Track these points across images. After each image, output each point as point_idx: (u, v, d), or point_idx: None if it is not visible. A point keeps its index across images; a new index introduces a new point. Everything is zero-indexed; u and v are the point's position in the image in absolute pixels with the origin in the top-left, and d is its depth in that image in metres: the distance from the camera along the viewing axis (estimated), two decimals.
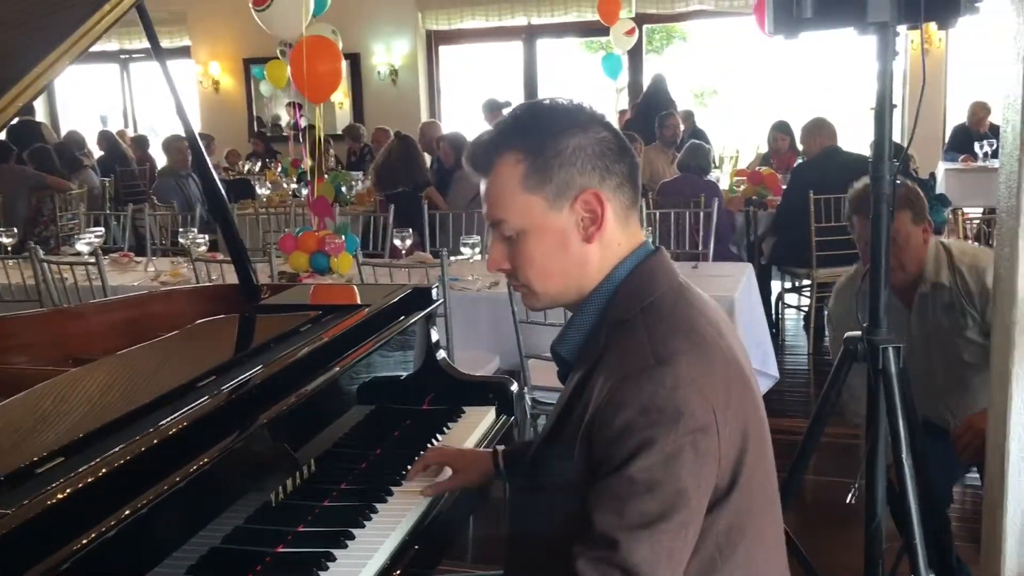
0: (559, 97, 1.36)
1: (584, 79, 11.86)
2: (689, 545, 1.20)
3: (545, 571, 1.30)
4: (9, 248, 5.00)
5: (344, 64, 5.53)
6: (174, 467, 1.34)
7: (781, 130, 7.19)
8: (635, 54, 10.04)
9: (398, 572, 1.54)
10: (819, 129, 5.67)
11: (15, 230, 5.24)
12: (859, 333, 1.97)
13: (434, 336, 2.31)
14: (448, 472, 1.76)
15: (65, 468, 1.24)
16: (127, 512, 1.23)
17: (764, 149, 7.92)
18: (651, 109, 8.11)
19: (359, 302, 2.21)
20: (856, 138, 6.57)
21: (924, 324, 2.55)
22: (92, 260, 4.20)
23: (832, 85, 12.61)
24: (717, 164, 7.44)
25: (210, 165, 2.22)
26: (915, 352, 2.47)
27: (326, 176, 7.23)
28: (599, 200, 1.29)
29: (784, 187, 5.98)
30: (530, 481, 1.40)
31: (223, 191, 2.25)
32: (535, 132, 1.30)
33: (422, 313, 2.20)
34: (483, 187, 1.34)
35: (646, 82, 10.62)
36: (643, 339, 1.23)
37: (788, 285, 6.30)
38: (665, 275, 1.33)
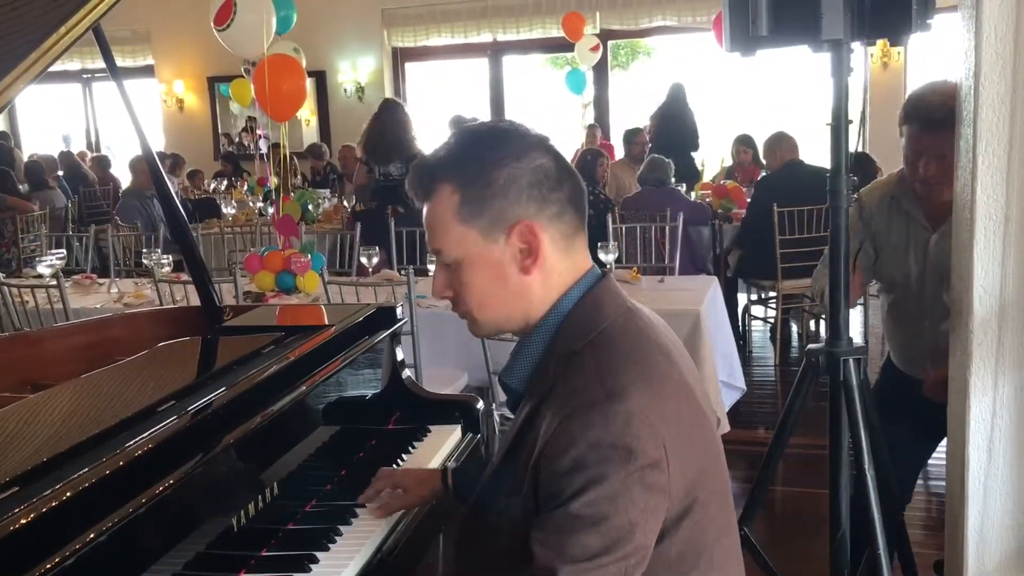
0: (499, 122, 1.36)
1: (550, 95, 11.92)
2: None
3: None
4: None
5: (309, 82, 5.52)
6: (136, 492, 1.32)
7: (744, 143, 7.28)
8: (600, 69, 10.12)
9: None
10: (780, 143, 5.75)
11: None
12: (821, 345, 1.99)
13: (399, 355, 2.30)
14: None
15: (22, 497, 1.22)
16: (88, 537, 1.21)
17: (728, 162, 8.01)
18: (671, 121, 8.17)
19: (324, 322, 2.20)
20: (818, 152, 6.65)
21: (941, 252, 2.45)
22: (53, 283, 4.14)
23: (793, 99, 12.76)
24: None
25: (170, 186, 2.20)
26: (924, 280, 2.48)
27: (292, 194, 7.20)
28: (533, 232, 1.27)
29: (748, 200, 6.05)
30: (478, 508, 1.38)
31: (183, 212, 2.23)
32: (469, 163, 1.29)
33: (387, 332, 2.20)
34: (424, 214, 1.33)
35: (612, 97, 10.72)
36: (592, 373, 1.22)
37: (754, 297, 6.35)
38: (612, 302, 1.32)
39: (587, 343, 1.26)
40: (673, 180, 6.08)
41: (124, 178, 9.39)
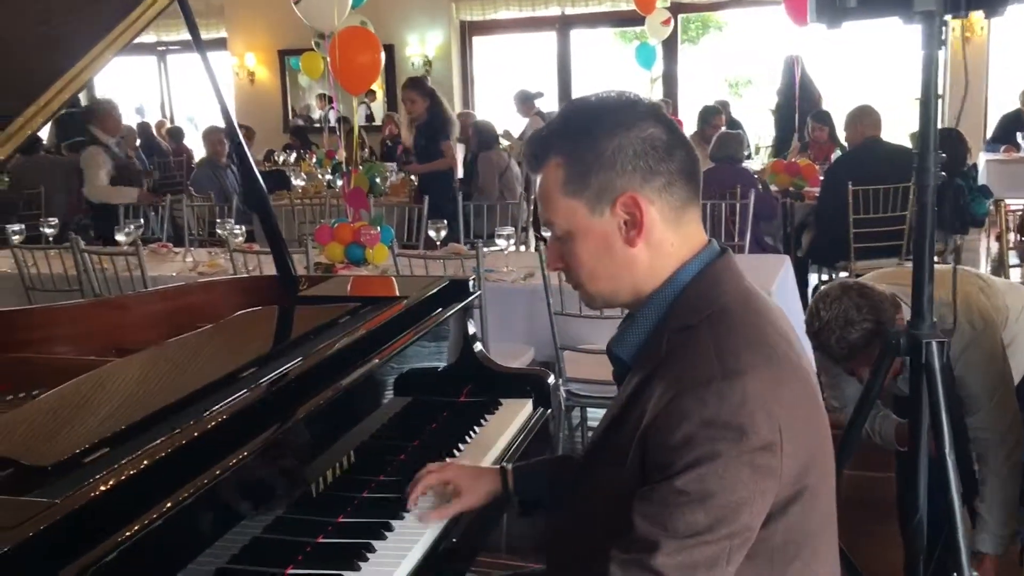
0: (610, 92, 1.33)
1: (617, 69, 11.80)
2: (734, 559, 1.18)
3: (585, 572, 1.29)
4: (50, 238, 5.07)
5: None
6: (217, 458, 1.35)
7: (819, 120, 7.10)
8: (670, 44, 9.96)
9: (437, 563, 1.54)
10: (863, 117, 5.51)
11: (55, 220, 5.31)
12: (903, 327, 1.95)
13: (471, 328, 2.31)
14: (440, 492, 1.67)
15: (110, 459, 1.25)
16: (170, 503, 1.23)
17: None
18: (785, 96, 8.05)
19: (397, 294, 2.22)
20: (893, 131, 6.46)
21: None
22: (132, 251, 4.25)
23: (869, 75, 12.43)
24: (755, 153, 7.36)
25: (250, 157, 2.23)
26: None
27: (360, 167, 7.26)
28: (637, 203, 1.26)
29: (822, 178, 5.91)
30: (579, 476, 1.38)
31: (262, 183, 2.26)
32: (575, 135, 1.29)
33: (459, 305, 2.20)
34: (536, 185, 1.34)
35: (681, 72, 10.56)
36: (708, 349, 1.20)
37: (825, 278, 6.23)
38: (731, 280, 1.30)
39: (703, 318, 1.25)
40: (747, 154, 5.96)
41: (197, 149, 9.59)
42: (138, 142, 9.72)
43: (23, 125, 1.60)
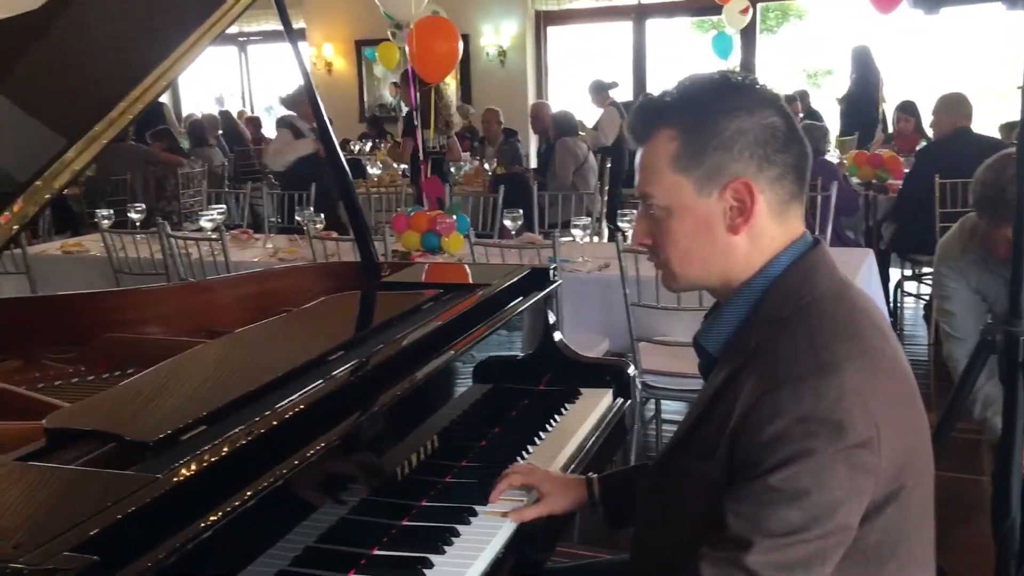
0: (734, 72, 1.31)
1: (693, 60, 11.66)
2: (830, 559, 1.15)
3: (672, 569, 1.28)
4: (137, 223, 5.22)
5: None
6: (310, 439, 1.37)
7: (905, 111, 6.91)
8: (748, 33, 9.80)
9: (518, 552, 1.54)
10: (956, 106, 5.25)
11: (143, 206, 5.46)
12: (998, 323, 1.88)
13: (551, 317, 2.30)
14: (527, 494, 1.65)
15: (208, 436, 1.29)
16: (265, 482, 1.26)
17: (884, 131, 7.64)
18: (864, 86, 7.90)
19: (478, 281, 2.22)
20: (977, 121, 6.23)
21: None
22: (216, 236, 4.35)
23: (956, 65, 12.04)
24: (835, 146, 7.21)
25: (336, 145, 2.26)
26: None
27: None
28: (750, 191, 1.23)
29: (907, 170, 5.75)
30: (664, 472, 1.37)
31: (347, 169, 2.29)
32: (696, 110, 1.25)
33: (541, 293, 2.20)
34: (638, 156, 1.31)
35: (759, 62, 10.37)
36: (803, 342, 1.17)
37: (908, 273, 6.07)
38: (826, 271, 1.27)
39: (796, 310, 1.22)
40: (830, 148, 5.83)
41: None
42: (220, 131, 9.96)
43: (119, 116, 1.63)
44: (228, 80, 13.29)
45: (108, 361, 1.98)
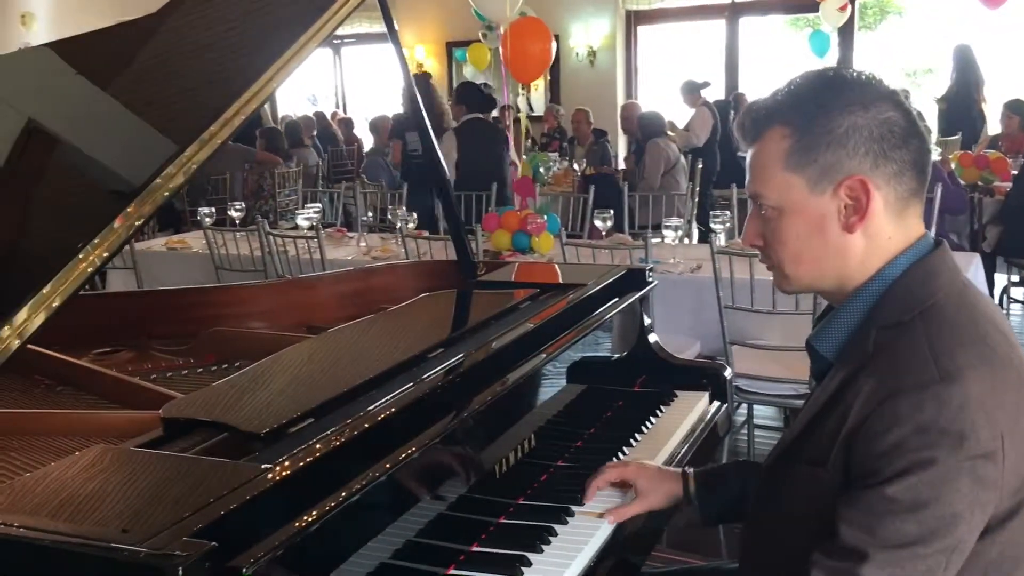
0: (848, 68, 1.28)
1: (788, 58, 11.42)
2: (949, 573, 1.11)
3: (782, 575, 1.25)
4: (237, 221, 5.38)
5: None
6: (411, 435, 1.39)
7: (1013, 110, 6.64)
8: (846, 31, 9.54)
9: (615, 554, 1.54)
10: None
11: (242, 204, 5.62)
12: None
13: (646, 319, 2.29)
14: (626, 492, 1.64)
15: (316, 429, 1.32)
16: (368, 476, 1.28)
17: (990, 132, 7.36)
18: (964, 86, 7.68)
19: (573, 281, 2.22)
20: None
21: None
22: (312, 234, 4.45)
23: None
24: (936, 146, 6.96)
25: (435, 144, 2.29)
26: None
27: (524, 157, 7.34)
28: (866, 188, 1.20)
29: (1015, 172, 5.53)
30: (774, 476, 1.34)
31: (446, 169, 2.32)
32: (808, 107, 1.22)
33: (637, 294, 2.19)
34: (748, 156, 1.29)
35: (856, 61, 10.10)
36: (924, 349, 1.14)
37: (1015, 278, 5.83)
38: (948, 274, 1.23)
39: (917, 315, 1.18)
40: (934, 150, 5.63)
41: (366, 139, 9.94)
42: (314, 131, 10.18)
43: (232, 117, 1.68)
44: (322, 82, 13.57)
45: (216, 354, 2.04)
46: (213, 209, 5.22)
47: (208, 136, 1.67)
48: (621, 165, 8.50)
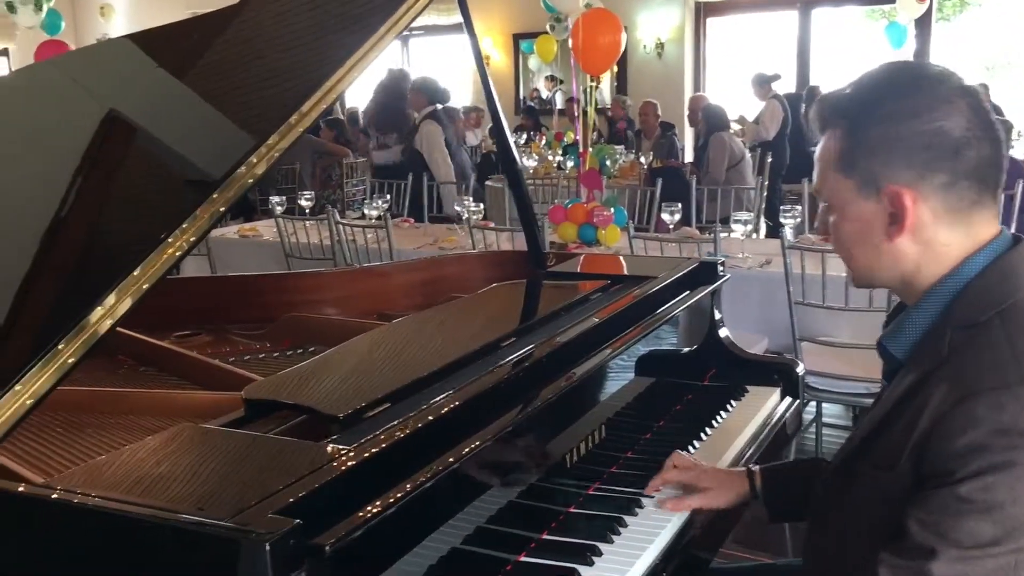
0: (913, 65, 1.26)
1: (862, 50, 11.17)
2: (1019, 572, 1.09)
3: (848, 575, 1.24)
4: (307, 210, 5.47)
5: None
6: (485, 423, 1.41)
7: None
8: (923, 23, 9.30)
9: (683, 549, 1.53)
10: None
11: (312, 194, 5.71)
12: None
13: (717, 312, 2.27)
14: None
15: (392, 414, 1.34)
16: (443, 463, 1.29)
17: None
18: None
19: (644, 274, 2.21)
20: None
21: None
22: (381, 224, 4.51)
23: None
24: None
25: (509, 137, 2.30)
26: None
27: (590, 149, 7.31)
28: (903, 201, 1.17)
29: None
30: (841, 475, 1.32)
31: (519, 161, 2.33)
32: (859, 112, 1.21)
33: (709, 288, 2.18)
34: (816, 149, 1.30)
35: (933, 53, 9.84)
36: (1004, 349, 1.12)
37: None
38: None
39: (996, 314, 1.16)
40: (1014, 145, 5.47)
41: None
42: None
43: (311, 108, 1.71)
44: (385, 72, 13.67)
45: (291, 339, 2.09)
46: (284, 198, 5.31)
47: (287, 128, 1.69)
48: (688, 159, 8.43)
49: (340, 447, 1.20)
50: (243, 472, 1.19)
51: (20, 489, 1.16)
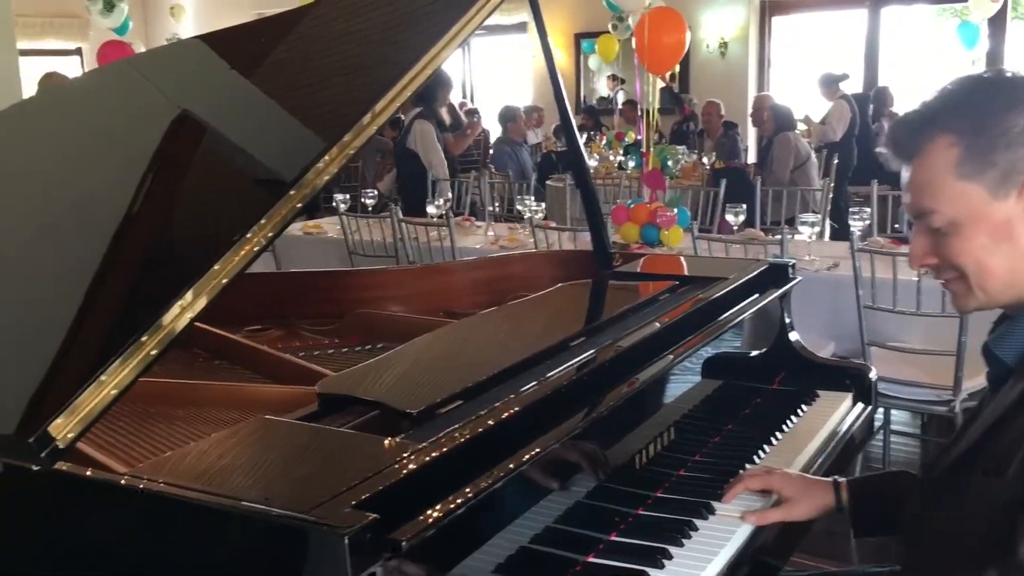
0: (1001, 69, 1.23)
1: (932, 49, 10.91)
2: None
3: None
4: (370, 208, 5.52)
5: None
6: (554, 423, 1.40)
7: None
8: (997, 21, 9.04)
9: (755, 556, 1.51)
10: None
11: (375, 192, 5.76)
12: None
13: (787, 316, 2.23)
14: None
15: (464, 412, 1.34)
16: (514, 461, 1.29)
17: None
18: None
19: (711, 275, 2.19)
20: None
21: None
22: (443, 222, 4.53)
23: None
24: None
25: (577, 136, 2.29)
26: None
27: (652, 149, 7.26)
28: None
29: None
30: (943, 485, 1.29)
31: (587, 161, 2.32)
32: (972, 110, 1.17)
33: (780, 290, 2.14)
34: (905, 175, 1.23)
35: (1008, 52, 9.57)
36: None
37: None
38: None
39: None
40: None
41: (493, 129, 10.03)
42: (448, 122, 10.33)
43: (385, 106, 1.72)
44: (451, 72, 13.75)
45: (359, 335, 2.11)
46: (347, 196, 5.37)
47: (359, 128, 1.70)
48: (751, 159, 8.32)
49: (415, 443, 1.21)
50: (321, 465, 1.20)
51: (106, 478, 1.18)
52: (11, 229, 1.79)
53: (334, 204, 5.23)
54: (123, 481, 1.15)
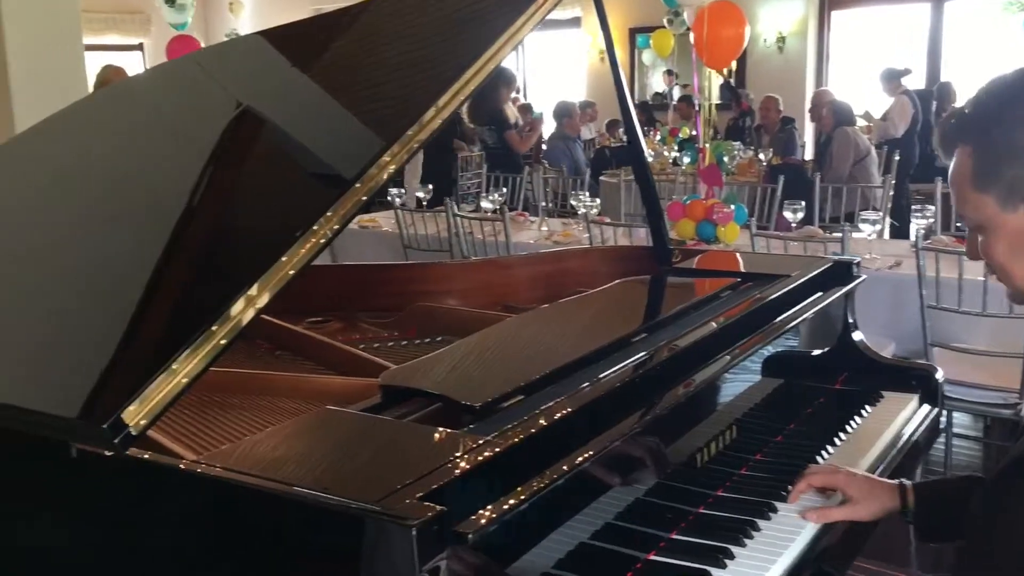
0: None
1: (997, 44, 10.63)
2: None
3: None
4: (424, 202, 5.55)
5: None
6: (616, 419, 1.39)
7: None
8: None
9: (817, 558, 1.49)
10: None
11: (430, 187, 5.79)
12: None
13: (850, 314, 2.19)
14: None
15: (527, 406, 1.34)
16: (577, 458, 1.28)
17: None
18: None
19: (772, 272, 2.16)
20: None
21: None
22: (498, 217, 4.54)
23: None
24: None
25: (639, 131, 2.28)
26: None
27: (707, 145, 7.19)
28: None
29: None
30: (1002, 494, 1.26)
31: (647, 156, 2.30)
32: (987, 122, 1.18)
33: (844, 289, 2.10)
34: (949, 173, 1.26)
35: None
36: None
37: None
38: None
39: None
40: None
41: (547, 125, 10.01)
42: None
43: (442, 108, 1.71)
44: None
45: (419, 328, 2.12)
46: (402, 190, 5.40)
47: (421, 124, 1.70)
48: (808, 155, 8.19)
49: (479, 437, 1.21)
50: (386, 457, 1.21)
51: (180, 466, 1.20)
52: (81, 219, 1.83)
53: (388, 198, 5.27)
54: (199, 469, 1.16)
